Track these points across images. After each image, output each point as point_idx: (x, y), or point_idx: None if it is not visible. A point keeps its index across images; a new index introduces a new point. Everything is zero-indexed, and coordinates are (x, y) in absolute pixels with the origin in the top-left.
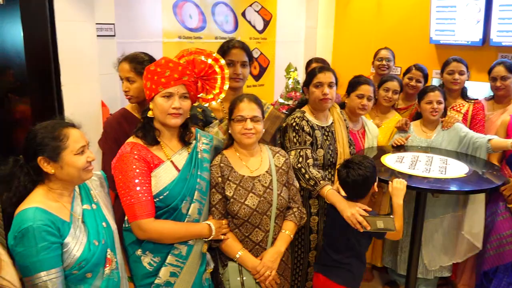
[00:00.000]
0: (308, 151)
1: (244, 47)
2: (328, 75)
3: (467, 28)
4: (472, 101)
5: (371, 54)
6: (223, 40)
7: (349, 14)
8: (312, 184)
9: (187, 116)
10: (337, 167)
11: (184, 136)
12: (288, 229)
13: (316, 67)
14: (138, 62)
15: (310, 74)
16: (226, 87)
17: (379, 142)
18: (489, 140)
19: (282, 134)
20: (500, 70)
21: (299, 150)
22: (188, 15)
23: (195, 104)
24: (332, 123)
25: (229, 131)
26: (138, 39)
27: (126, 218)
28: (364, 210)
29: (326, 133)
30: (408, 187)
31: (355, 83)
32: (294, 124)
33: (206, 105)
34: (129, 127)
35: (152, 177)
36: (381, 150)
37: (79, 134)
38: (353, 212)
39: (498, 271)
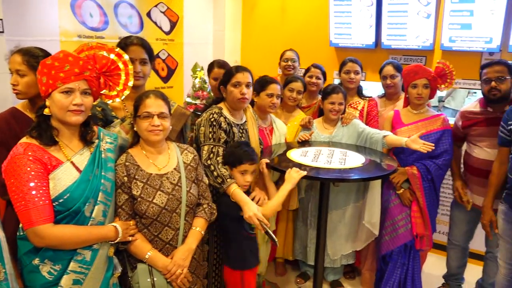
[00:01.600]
0: (220, 149)
1: (143, 44)
2: (246, 75)
3: (362, 32)
4: (367, 98)
5: (278, 56)
6: None
7: (255, 18)
8: (219, 182)
9: (88, 114)
10: None
11: (85, 135)
12: (199, 226)
13: (233, 67)
14: (32, 56)
15: (228, 74)
16: (130, 83)
17: (286, 139)
18: (384, 136)
19: (197, 128)
20: (389, 70)
21: (211, 146)
22: (89, 14)
23: (95, 103)
24: (246, 121)
25: (135, 129)
26: (32, 37)
27: (20, 225)
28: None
29: (241, 131)
30: (311, 178)
31: (264, 82)
32: (212, 119)
33: (110, 101)
34: (20, 128)
35: (50, 179)
36: (288, 146)
37: None
38: (251, 215)
39: (393, 254)
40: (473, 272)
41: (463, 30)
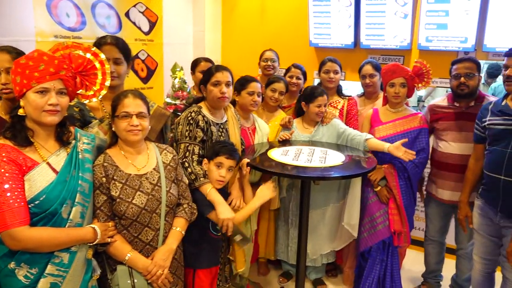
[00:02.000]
0: (196, 148)
1: (117, 43)
2: (225, 74)
3: (341, 32)
4: (347, 97)
5: (258, 56)
6: None
7: (235, 18)
8: (192, 178)
9: (64, 114)
10: None
11: (62, 135)
12: (179, 226)
13: (213, 66)
14: (19, 54)
15: (208, 73)
16: (107, 83)
17: (268, 139)
18: (366, 139)
19: (175, 126)
20: (368, 69)
21: (187, 145)
22: (65, 14)
23: (72, 103)
24: (226, 120)
25: (113, 129)
26: (7, 38)
27: None
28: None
29: (221, 130)
30: (292, 176)
31: (245, 81)
32: (189, 117)
33: (87, 101)
34: None
35: (26, 181)
36: (269, 146)
37: None
38: (225, 218)
39: (371, 250)
40: (449, 267)
41: (439, 30)
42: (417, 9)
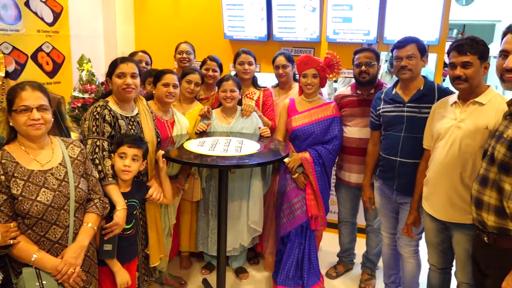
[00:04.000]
0: (105, 143)
1: None
2: (130, 66)
3: (254, 25)
4: (262, 88)
5: (173, 49)
6: (3, 31)
7: (148, 10)
8: (101, 177)
9: None
10: None
11: None
12: (91, 222)
13: (118, 58)
14: None
15: (112, 65)
16: (1, 73)
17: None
18: None
19: (82, 122)
20: (281, 60)
21: (95, 140)
22: None
23: None
24: (138, 113)
25: (11, 124)
26: None
27: None
28: None
29: (131, 123)
30: (208, 166)
31: (160, 73)
32: (95, 112)
33: None
34: None
35: None
36: (187, 138)
37: None
38: (117, 219)
39: (290, 234)
40: (360, 246)
41: (344, 23)
42: (324, 3)
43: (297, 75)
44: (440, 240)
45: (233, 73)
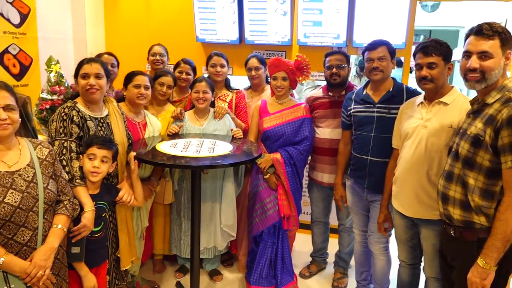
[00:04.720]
0: (73, 145)
1: None
2: (95, 66)
3: (226, 28)
4: (235, 91)
5: (146, 52)
6: None
7: (119, 13)
8: (69, 178)
9: None
10: None
11: None
12: (60, 223)
13: (84, 59)
14: None
15: (78, 66)
16: None
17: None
18: None
19: (49, 123)
20: (253, 62)
21: (63, 141)
22: None
23: None
24: (108, 115)
25: None
26: None
27: None
28: None
29: (101, 124)
30: (181, 166)
31: (131, 75)
32: (62, 113)
33: None
34: None
35: None
36: (159, 139)
37: None
38: (85, 221)
39: (263, 234)
40: (333, 245)
41: (315, 27)
42: (294, 6)
43: (270, 78)
44: (409, 237)
45: (205, 75)
